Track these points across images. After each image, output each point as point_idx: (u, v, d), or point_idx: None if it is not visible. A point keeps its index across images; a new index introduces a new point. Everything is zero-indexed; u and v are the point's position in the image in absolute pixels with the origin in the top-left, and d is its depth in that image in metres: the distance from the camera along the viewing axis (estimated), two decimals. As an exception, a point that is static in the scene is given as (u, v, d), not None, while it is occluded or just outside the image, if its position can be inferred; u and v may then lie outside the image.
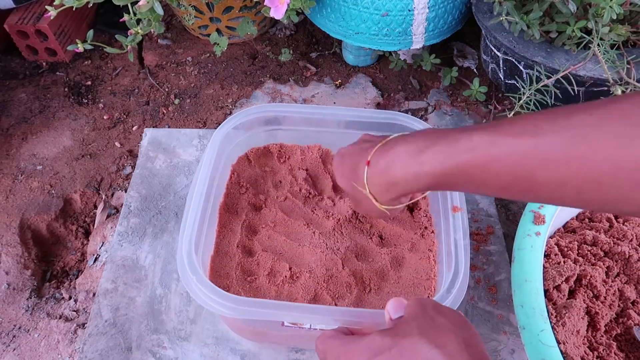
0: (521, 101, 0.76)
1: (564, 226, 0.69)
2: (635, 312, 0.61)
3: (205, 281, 0.47)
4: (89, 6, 0.78)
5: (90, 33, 0.80)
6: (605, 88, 0.77)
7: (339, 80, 1.04)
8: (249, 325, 0.56)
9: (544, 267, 0.59)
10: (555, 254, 0.62)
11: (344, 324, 0.45)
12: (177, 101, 1.00)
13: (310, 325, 0.49)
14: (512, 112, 0.77)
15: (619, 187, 0.30)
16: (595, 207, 0.34)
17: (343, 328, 0.45)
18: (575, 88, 0.74)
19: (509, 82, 0.87)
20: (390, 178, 0.43)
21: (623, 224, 0.67)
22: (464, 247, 0.50)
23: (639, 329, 0.61)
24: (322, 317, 0.46)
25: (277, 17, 0.81)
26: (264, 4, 0.81)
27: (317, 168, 0.68)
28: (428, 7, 0.87)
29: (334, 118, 0.64)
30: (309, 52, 1.11)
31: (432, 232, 0.60)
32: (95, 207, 0.85)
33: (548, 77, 0.76)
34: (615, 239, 0.65)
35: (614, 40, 0.75)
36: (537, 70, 0.77)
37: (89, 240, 0.81)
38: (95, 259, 0.76)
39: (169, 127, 0.95)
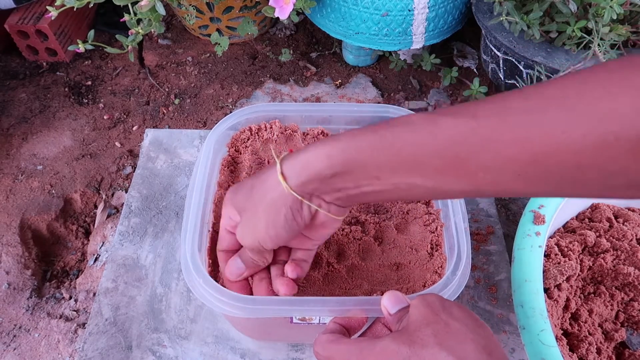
0: (521, 101, 0.76)
1: (564, 226, 0.69)
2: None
3: (213, 283, 0.47)
4: (90, 6, 0.78)
5: (91, 33, 0.80)
6: (605, 88, 0.77)
7: (339, 80, 1.04)
8: (257, 324, 0.55)
9: (544, 266, 0.59)
10: (556, 254, 0.62)
11: (357, 315, 0.44)
12: (177, 101, 1.00)
13: (320, 320, 0.49)
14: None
15: (559, 169, 0.31)
16: (536, 187, 0.33)
17: (337, 326, 0.43)
18: (575, 88, 0.74)
19: (509, 82, 0.87)
20: (305, 161, 0.38)
21: (623, 224, 0.67)
22: (464, 230, 0.51)
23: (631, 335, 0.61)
24: (333, 309, 0.45)
25: (282, 17, 0.81)
26: (269, 4, 0.81)
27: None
28: (428, 7, 0.87)
29: (322, 115, 0.63)
30: (309, 52, 1.11)
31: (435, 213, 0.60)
32: (96, 207, 0.85)
33: (548, 77, 0.76)
34: (615, 239, 0.65)
35: (614, 40, 0.75)
36: (537, 70, 0.77)
37: (89, 240, 0.81)
38: (96, 259, 0.76)
39: (169, 127, 0.95)
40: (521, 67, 0.82)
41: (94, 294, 0.71)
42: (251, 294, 0.47)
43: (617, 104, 0.28)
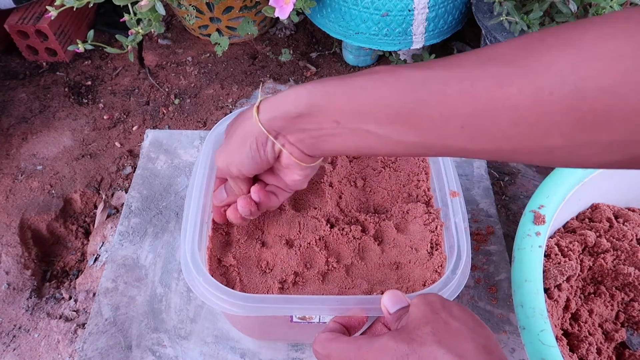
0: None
1: (564, 226, 0.69)
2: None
3: (213, 281, 0.47)
4: (90, 6, 0.78)
5: (91, 33, 0.80)
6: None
7: (339, 81, 1.04)
8: (257, 324, 0.55)
9: (544, 267, 0.59)
10: (556, 254, 0.62)
11: (357, 313, 0.44)
12: (177, 101, 1.00)
13: (320, 319, 0.49)
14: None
15: (497, 123, 0.31)
16: (478, 144, 0.34)
17: (337, 325, 0.43)
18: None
19: (509, 82, 0.87)
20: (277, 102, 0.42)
21: (623, 224, 0.67)
22: (464, 230, 0.51)
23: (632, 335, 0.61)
24: (333, 307, 0.45)
25: (281, 17, 0.81)
26: (269, 4, 0.81)
27: None
28: (428, 7, 0.87)
29: None
30: (309, 52, 1.11)
31: (436, 213, 0.60)
32: (95, 207, 0.85)
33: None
34: (615, 239, 0.65)
35: (613, 40, 0.75)
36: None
37: (89, 240, 0.81)
38: (95, 259, 0.76)
39: (169, 127, 0.95)
40: (521, 67, 0.82)
41: (94, 294, 0.71)
42: (226, 221, 0.54)
43: (554, 61, 0.29)
